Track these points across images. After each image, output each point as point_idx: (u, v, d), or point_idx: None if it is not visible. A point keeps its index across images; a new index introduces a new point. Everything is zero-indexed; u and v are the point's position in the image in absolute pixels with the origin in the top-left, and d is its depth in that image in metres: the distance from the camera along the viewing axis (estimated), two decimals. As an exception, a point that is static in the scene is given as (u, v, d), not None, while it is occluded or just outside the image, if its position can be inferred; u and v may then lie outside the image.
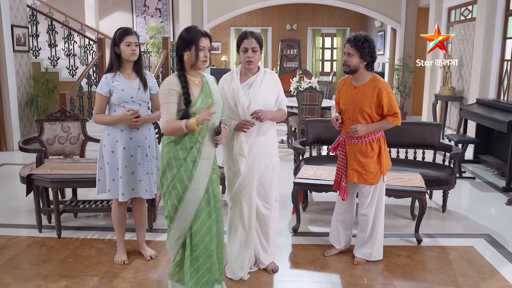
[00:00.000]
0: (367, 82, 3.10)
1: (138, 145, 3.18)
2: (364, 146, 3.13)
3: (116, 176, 3.17)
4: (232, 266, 3.09)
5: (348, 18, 14.53)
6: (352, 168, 3.18)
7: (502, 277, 3.16)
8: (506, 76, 6.28)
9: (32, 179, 3.76)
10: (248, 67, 2.95)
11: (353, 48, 3.03)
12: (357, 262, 3.33)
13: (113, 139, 3.15)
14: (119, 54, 3.13)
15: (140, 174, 3.19)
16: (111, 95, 3.13)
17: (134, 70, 3.20)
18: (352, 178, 3.19)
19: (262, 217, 3.11)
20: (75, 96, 6.56)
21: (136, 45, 3.13)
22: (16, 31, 6.84)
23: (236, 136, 2.94)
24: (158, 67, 6.94)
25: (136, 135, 3.16)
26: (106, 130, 3.19)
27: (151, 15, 9.78)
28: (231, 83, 2.97)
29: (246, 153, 2.94)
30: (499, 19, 6.27)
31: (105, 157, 3.19)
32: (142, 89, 3.17)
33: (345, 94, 3.18)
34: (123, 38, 3.08)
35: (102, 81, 3.15)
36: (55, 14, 8.08)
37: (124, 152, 3.14)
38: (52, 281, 3.05)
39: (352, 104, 3.11)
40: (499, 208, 4.61)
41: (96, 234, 3.85)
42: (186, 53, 2.57)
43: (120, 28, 3.17)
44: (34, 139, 4.56)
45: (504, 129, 5.09)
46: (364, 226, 3.29)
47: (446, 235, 3.91)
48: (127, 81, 3.14)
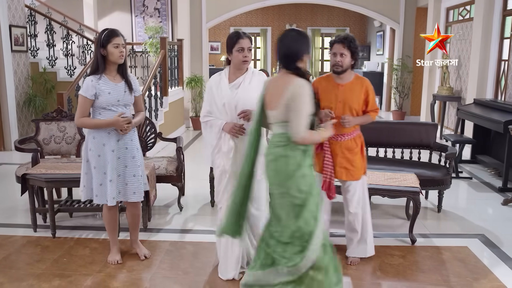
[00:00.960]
0: (353, 80, 3.19)
1: (126, 147, 3.14)
2: (350, 142, 3.21)
3: (104, 180, 3.10)
4: (224, 266, 3.10)
5: (347, 18, 14.51)
6: (341, 166, 3.19)
7: (495, 277, 3.16)
8: (503, 76, 6.27)
9: (27, 178, 3.77)
10: (243, 66, 2.98)
11: (346, 49, 3.08)
12: (351, 262, 3.33)
13: (99, 143, 3.08)
14: (104, 56, 3.03)
15: (128, 176, 3.15)
16: (96, 98, 3.03)
17: (119, 72, 3.13)
18: (341, 176, 3.21)
19: (252, 218, 3.09)
20: (73, 96, 6.56)
21: (123, 47, 3.05)
22: (14, 31, 6.85)
23: (224, 137, 2.96)
24: (156, 66, 6.95)
25: (124, 137, 3.13)
26: (91, 134, 3.11)
27: (150, 15, 9.77)
28: (220, 84, 2.99)
29: (233, 154, 2.96)
30: (497, 19, 6.26)
31: (91, 162, 3.11)
32: (128, 92, 3.13)
33: (329, 93, 3.19)
34: (111, 40, 2.99)
35: (87, 84, 3.03)
36: (53, 14, 8.08)
37: (113, 155, 3.09)
38: (45, 280, 3.06)
39: (340, 102, 3.16)
40: (495, 208, 4.61)
41: (91, 233, 3.86)
42: (304, 58, 2.50)
43: (106, 29, 3.07)
44: (30, 138, 4.58)
45: (501, 129, 5.09)
46: (356, 225, 3.30)
47: (440, 235, 3.90)
48: (113, 84, 3.08)
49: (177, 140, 4.54)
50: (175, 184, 4.31)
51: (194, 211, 4.45)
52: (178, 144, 4.46)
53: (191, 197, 4.81)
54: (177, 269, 3.23)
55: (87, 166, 3.14)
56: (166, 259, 3.36)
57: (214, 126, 2.99)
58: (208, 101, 3.04)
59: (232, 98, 2.95)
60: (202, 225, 4.11)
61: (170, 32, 9.62)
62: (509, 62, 6.02)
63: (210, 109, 3.02)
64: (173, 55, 8.07)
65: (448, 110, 7.99)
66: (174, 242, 3.69)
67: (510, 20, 6.08)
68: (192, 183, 5.14)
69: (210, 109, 3.03)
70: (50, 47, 7.63)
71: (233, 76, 3.01)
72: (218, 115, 2.98)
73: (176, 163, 4.35)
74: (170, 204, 4.56)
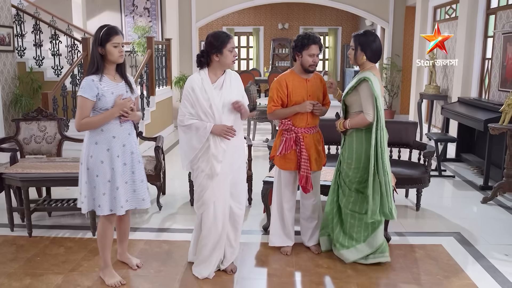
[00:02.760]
0: (314, 76, 3.39)
1: (131, 151, 2.92)
2: (318, 135, 3.44)
3: (108, 189, 2.84)
4: (200, 267, 3.10)
5: (340, 17, 14.53)
6: (314, 158, 3.37)
7: (466, 276, 3.17)
8: (487, 75, 6.29)
9: (3, 178, 3.78)
10: (232, 66, 3.04)
11: (320, 50, 3.31)
12: (315, 251, 3.50)
13: (102, 148, 2.82)
14: (102, 55, 2.80)
15: (136, 182, 2.95)
16: (98, 100, 2.78)
17: (118, 72, 2.91)
18: (313, 167, 3.37)
19: (235, 217, 3.10)
20: (59, 95, 6.57)
21: (122, 46, 2.84)
22: (0, 31, 6.84)
23: (213, 139, 2.92)
24: (142, 66, 6.96)
25: (129, 141, 2.91)
26: (93, 139, 2.83)
27: (140, 15, 9.78)
28: (202, 85, 2.91)
29: (222, 156, 2.95)
30: (480, 18, 6.28)
31: (93, 170, 2.82)
32: (130, 92, 2.93)
33: (299, 89, 3.31)
34: (111, 39, 2.75)
35: (88, 84, 2.76)
36: (42, 14, 8.08)
37: (118, 160, 2.85)
38: (16, 279, 3.06)
39: (310, 95, 3.32)
40: (474, 207, 4.62)
41: (68, 232, 3.87)
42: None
43: (105, 27, 2.81)
44: (10, 138, 4.58)
45: (481, 128, 5.10)
46: (314, 213, 3.51)
47: (416, 234, 3.92)
48: (115, 84, 2.86)
49: (157, 140, 4.55)
50: (153, 183, 4.31)
51: (173, 210, 4.46)
52: (157, 143, 4.47)
53: (171, 196, 4.81)
54: (149, 267, 3.24)
55: (87, 175, 2.84)
56: (139, 258, 3.35)
57: (200, 129, 2.88)
58: (190, 103, 2.91)
59: (219, 99, 2.93)
60: (179, 224, 4.12)
61: (160, 32, 9.63)
62: (492, 60, 6.03)
63: (193, 111, 2.92)
64: (160, 54, 8.07)
65: (436, 109, 8.01)
66: (149, 241, 3.70)
67: (493, 18, 6.09)
68: (175, 182, 5.14)
69: (193, 111, 2.92)
70: (37, 47, 7.63)
71: (214, 76, 2.97)
72: (203, 117, 2.90)
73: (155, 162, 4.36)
74: (150, 203, 4.55)
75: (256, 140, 7.77)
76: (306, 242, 3.57)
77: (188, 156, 3.00)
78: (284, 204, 3.46)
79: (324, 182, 3.71)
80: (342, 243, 3.32)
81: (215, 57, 2.91)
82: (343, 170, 3.30)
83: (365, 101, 3.08)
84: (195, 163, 3.01)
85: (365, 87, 3.07)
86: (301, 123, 3.31)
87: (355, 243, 3.29)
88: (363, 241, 3.28)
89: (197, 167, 3.00)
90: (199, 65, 2.99)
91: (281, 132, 3.37)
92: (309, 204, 3.48)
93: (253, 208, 4.46)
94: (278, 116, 3.34)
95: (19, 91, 7.19)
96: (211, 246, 3.05)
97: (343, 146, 3.31)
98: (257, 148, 7.16)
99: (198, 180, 3.00)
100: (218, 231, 3.03)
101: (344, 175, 3.28)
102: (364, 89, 3.08)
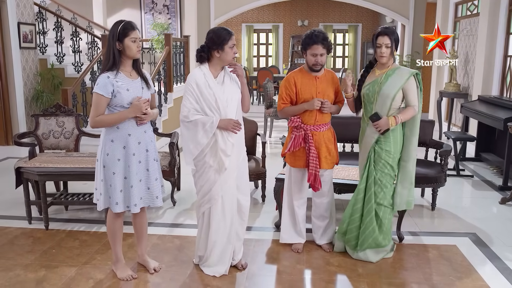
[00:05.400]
0: (324, 73, 3.36)
1: (146, 149, 2.92)
2: (329, 133, 3.40)
3: (124, 186, 2.86)
4: (214, 265, 3.09)
5: (360, 14, 14.38)
6: (324, 156, 3.35)
7: (479, 277, 3.11)
8: (509, 72, 6.14)
9: (21, 172, 3.88)
10: (232, 62, 3.00)
11: (325, 49, 3.24)
12: (327, 249, 3.48)
13: (118, 146, 2.82)
14: (120, 51, 2.79)
15: (151, 180, 2.95)
16: (114, 97, 2.77)
17: (134, 68, 2.89)
18: (323, 165, 3.35)
19: (243, 209, 3.11)
20: (78, 91, 6.69)
21: (139, 41, 2.84)
22: (23, 28, 7.00)
23: (221, 134, 2.93)
24: (160, 62, 7.03)
25: (144, 138, 2.90)
26: (109, 136, 2.83)
27: (159, 12, 9.88)
28: (206, 80, 2.92)
29: (231, 150, 2.96)
30: (503, 14, 6.13)
31: (110, 167, 2.83)
32: (146, 88, 2.91)
33: (308, 86, 3.30)
34: (129, 33, 2.75)
35: (103, 81, 2.75)
36: (63, 11, 8.24)
37: (134, 158, 2.85)
38: (32, 270, 3.15)
39: (320, 93, 3.30)
40: (492, 207, 4.53)
41: (83, 226, 3.95)
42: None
43: (121, 22, 2.80)
44: (30, 133, 4.70)
45: (501, 127, 4.99)
46: (326, 212, 3.49)
47: (430, 234, 3.86)
48: (130, 80, 2.83)
49: (172, 136, 4.60)
50: (168, 178, 4.36)
51: (187, 205, 4.50)
52: (171, 139, 4.51)
53: (186, 192, 4.85)
54: (160, 262, 3.27)
55: (104, 173, 2.85)
56: (151, 252, 3.40)
57: (207, 124, 2.87)
58: (194, 98, 2.91)
59: (223, 94, 2.95)
60: (193, 219, 4.14)
61: (179, 29, 9.71)
62: (514, 58, 5.89)
63: (198, 106, 2.91)
64: (178, 51, 8.14)
65: (456, 107, 7.86)
66: (162, 236, 3.75)
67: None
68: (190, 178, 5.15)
69: (197, 106, 2.91)
70: (59, 44, 7.78)
71: (215, 72, 2.99)
72: (208, 112, 2.90)
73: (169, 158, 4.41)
74: (164, 199, 4.59)
75: (272, 137, 7.77)
76: (317, 240, 3.56)
77: (193, 153, 2.96)
78: (294, 201, 3.46)
79: (343, 181, 3.70)
80: (380, 243, 3.28)
81: (216, 53, 2.91)
82: (384, 168, 3.23)
83: (414, 94, 3.19)
84: (200, 159, 2.97)
85: (413, 81, 3.19)
86: (310, 120, 3.30)
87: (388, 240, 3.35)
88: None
89: (203, 162, 2.97)
90: (199, 60, 2.98)
91: (291, 129, 3.37)
92: (321, 202, 3.46)
93: (266, 205, 4.47)
94: (287, 113, 3.34)
95: (40, 87, 7.36)
96: (222, 242, 3.04)
97: (381, 143, 3.21)
98: (274, 146, 7.15)
99: (205, 176, 2.99)
100: (227, 225, 3.03)
101: (389, 169, 3.25)
102: (412, 83, 3.18)
